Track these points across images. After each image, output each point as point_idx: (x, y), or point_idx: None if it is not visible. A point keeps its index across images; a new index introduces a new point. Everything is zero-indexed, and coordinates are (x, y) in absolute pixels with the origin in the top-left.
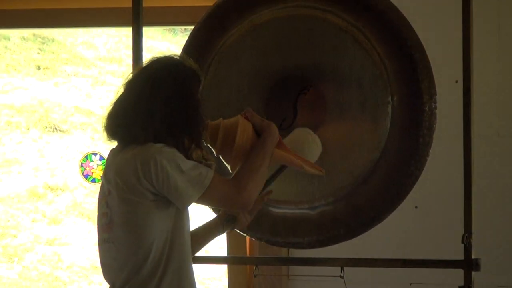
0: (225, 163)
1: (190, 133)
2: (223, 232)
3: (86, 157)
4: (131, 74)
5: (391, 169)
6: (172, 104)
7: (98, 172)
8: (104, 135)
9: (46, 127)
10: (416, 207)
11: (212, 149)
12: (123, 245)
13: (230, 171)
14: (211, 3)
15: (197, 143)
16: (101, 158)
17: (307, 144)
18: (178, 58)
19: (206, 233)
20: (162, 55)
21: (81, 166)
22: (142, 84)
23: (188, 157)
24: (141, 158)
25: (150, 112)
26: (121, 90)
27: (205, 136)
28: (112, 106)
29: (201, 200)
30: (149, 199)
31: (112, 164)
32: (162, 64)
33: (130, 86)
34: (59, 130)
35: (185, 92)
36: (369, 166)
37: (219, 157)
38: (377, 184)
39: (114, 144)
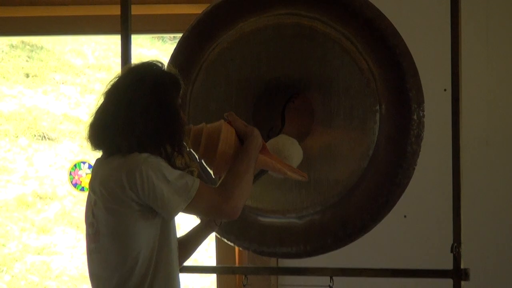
0: (208, 168)
1: (172, 140)
2: (217, 227)
3: (75, 165)
4: (110, 83)
5: (379, 178)
6: (152, 112)
7: (87, 181)
8: (88, 145)
9: (35, 135)
10: (404, 216)
11: (195, 154)
12: (110, 255)
13: (213, 176)
14: (199, 11)
15: (179, 150)
16: (90, 166)
17: (287, 150)
18: (155, 63)
19: (200, 232)
20: (139, 62)
21: (70, 174)
22: (121, 93)
23: (172, 164)
24: (126, 168)
25: (131, 121)
26: (101, 99)
27: (188, 141)
28: (93, 116)
29: (188, 209)
30: (135, 209)
31: (97, 174)
32: (140, 71)
33: (109, 95)
34: (48, 138)
35: (163, 99)
36: (357, 175)
37: (202, 162)
38: (365, 193)
39: (100, 153)
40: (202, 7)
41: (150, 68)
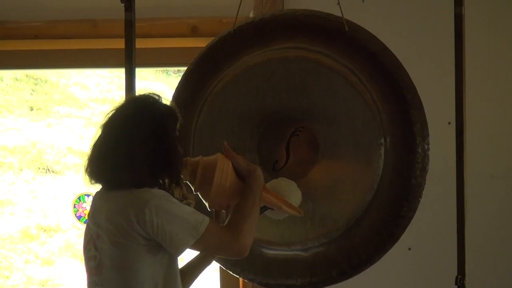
0: (204, 201)
1: (170, 171)
2: (214, 259)
3: (79, 198)
4: (107, 116)
5: (384, 211)
6: (151, 144)
7: None
8: (85, 178)
9: (39, 168)
10: (409, 248)
11: (191, 186)
12: (114, 287)
13: (208, 209)
14: (203, 44)
15: (176, 182)
16: None
17: (285, 191)
18: (152, 96)
19: (199, 263)
20: (136, 95)
21: (74, 207)
22: (120, 125)
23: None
24: (135, 203)
25: (130, 154)
26: (99, 133)
27: (184, 173)
28: (91, 150)
29: (195, 246)
30: (141, 244)
31: (102, 208)
32: (138, 104)
33: (107, 128)
34: (52, 171)
35: (161, 132)
36: (362, 207)
37: (198, 195)
38: (370, 225)
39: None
40: (206, 41)
41: (147, 100)
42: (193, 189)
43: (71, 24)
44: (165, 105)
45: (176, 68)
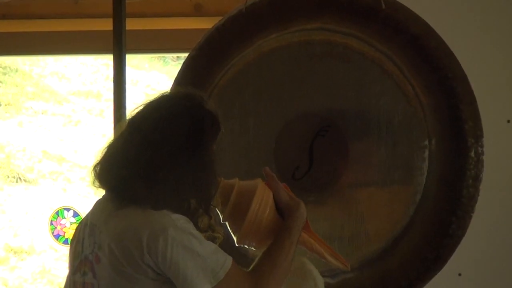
0: (232, 234)
1: (200, 194)
2: None
3: (56, 213)
4: (137, 111)
5: (428, 229)
6: (181, 158)
7: (71, 232)
8: (91, 180)
9: (8, 176)
10: (459, 274)
11: (219, 213)
12: None
13: (236, 244)
14: (209, 26)
15: (205, 209)
16: (75, 214)
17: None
18: (194, 97)
19: None
20: (175, 92)
21: (51, 224)
22: (146, 128)
23: (194, 225)
24: (149, 229)
25: (153, 166)
26: (123, 129)
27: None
28: (110, 145)
29: None
30: (150, 278)
31: (106, 226)
32: (176, 105)
33: (135, 127)
34: (24, 180)
35: (198, 143)
36: (401, 225)
37: (225, 224)
38: (411, 246)
39: (98, 193)
40: (212, 21)
41: (188, 102)
42: (221, 217)
43: (47, 1)
44: (208, 110)
45: (175, 55)
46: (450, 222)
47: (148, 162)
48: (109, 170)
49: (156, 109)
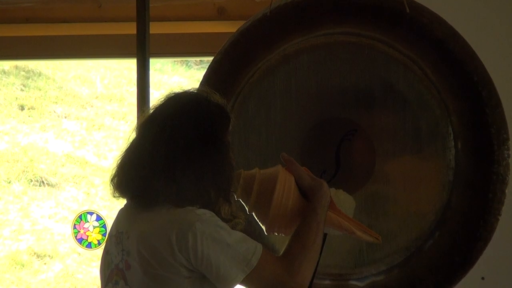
0: (260, 224)
1: (218, 185)
2: None
3: (80, 217)
4: (145, 115)
5: (454, 232)
6: (196, 150)
7: (94, 236)
8: (110, 190)
9: (31, 180)
10: (482, 278)
11: (244, 205)
12: None
13: (265, 233)
14: (233, 30)
15: (225, 197)
16: (99, 218)
17: (348, 210)
18: (201, 92)
19: None
20: (181, 90)
21: (74, 228)
22: (159, 127)
23: (215, 214)
24: (176, 226)
25: (171, 160)
26: (134, 135)
27: (236, 188)
28: (123, 155)
29: (246, 282)
30: (183, 276)
31: (133, 231)
32: (182, 101)
33: (144, 130)
34: (47, 183)
35: (210, 135)
36: (428, 227)
37: (252, 215)
38: (438, 249)
39: (121, 201)
40: (235, 25)
41: (195, 97)
42: (247, 209)
43: (71, 4)
44: (215, 102)
45: (198, 59)
46: (477, 225)
47: (164, 161)
48: (127, 177)
49: (164, 109)
